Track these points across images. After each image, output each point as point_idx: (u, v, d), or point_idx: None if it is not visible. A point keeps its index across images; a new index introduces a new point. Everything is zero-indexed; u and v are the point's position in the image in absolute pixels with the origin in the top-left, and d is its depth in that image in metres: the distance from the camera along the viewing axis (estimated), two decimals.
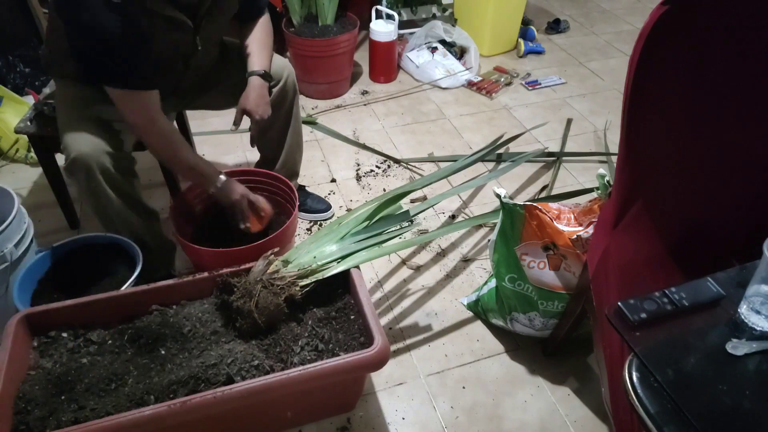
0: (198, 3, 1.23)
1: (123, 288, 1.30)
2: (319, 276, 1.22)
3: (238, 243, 1.35)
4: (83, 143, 1.21)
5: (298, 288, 1.19)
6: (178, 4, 1.18)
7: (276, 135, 1.62)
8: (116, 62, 1.14)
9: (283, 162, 1.65)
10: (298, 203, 1.48)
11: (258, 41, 1.45)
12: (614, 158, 2.09)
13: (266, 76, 1.43)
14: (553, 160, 2.10)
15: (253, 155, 1.44)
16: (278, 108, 1.54)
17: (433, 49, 2.64)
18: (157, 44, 1.19)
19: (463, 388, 1.36)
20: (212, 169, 1.36)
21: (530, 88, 2.56)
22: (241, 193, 1.39)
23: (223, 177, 1.36)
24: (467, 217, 1.84)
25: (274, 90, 1.51)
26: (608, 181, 1.17)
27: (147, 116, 1.23)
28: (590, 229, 1.14)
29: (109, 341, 1.19)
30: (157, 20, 1.16)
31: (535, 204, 1.20)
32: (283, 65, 1.55)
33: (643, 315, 0.83)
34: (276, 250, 1.25)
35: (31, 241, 1.40)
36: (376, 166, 2.07)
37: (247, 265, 1.28)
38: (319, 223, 1.81)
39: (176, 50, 1.28)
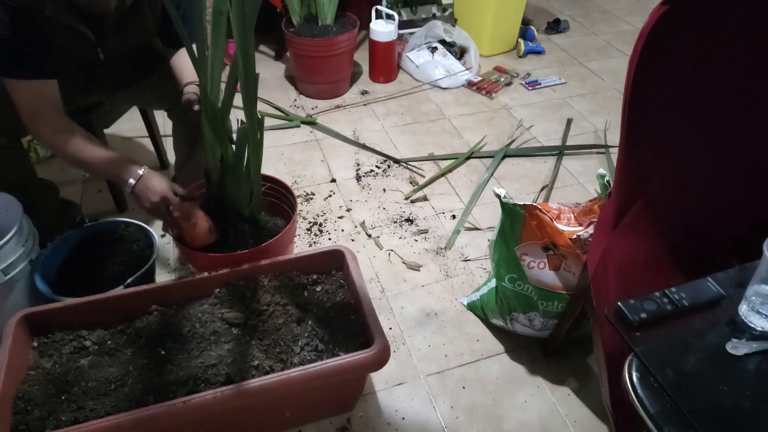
0: (102, 18, 1.25)
1: (131, 279, 1.33)
2: None
3: (235, 245, 1.35)
4: None
5: None
6: (80, 14, 1.20)
7: (185, 144, 1.61)
8: (7, 56, 1.17)
9: (188, 172, 1.59)
10: (297, 208, 1.48)
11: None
12: (611, 150, 2.10)
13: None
14: (553, 160, 2.10)
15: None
16: (181, 117, 1.54)
17: (433, 49, 2.64)
18: (54, 46, 1.22)
19: (463, 388, 1.36)
20: (121, 171, 1.21)
21: (530, 88, 2.56)
22: (152, 201, 1.21)
23: (132, 181, 1.20)
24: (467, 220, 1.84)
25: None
26: (608, 181, 1.17)
27: (32, 108, 1.22)
28: (590, 229, 1.14)
29: (109, 341, 1.19)
30: (56, 26, 1.20)
31: (534, 204, 1.20)
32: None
33: (643, 315, 0.83)
34: None
35: (37, 245, 1.41)
36: (376, 166, 2.07)
37: (246, 266, 1.28)
38: (319, 223, 1.81)
39: (74, 56, 1.31)
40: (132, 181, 1.21)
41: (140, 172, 1.22)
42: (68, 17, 1.21)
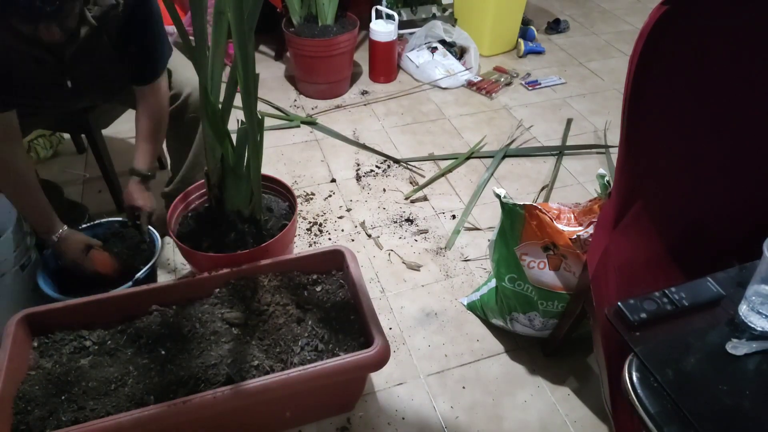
0: (62, 45, 1.21)
1: (139, 274, 1.36)
2: None
3: (235, 245, 1.35)
4: None
5: None
6: (41, 43, 1.16)
7: (179, 147, 1.61)
8: None
9: (182, 177, 1.63)
10: (297, 208, 1.48)
11: (144, 135, 1.45)
12: (611, 150, 2.10)
13: (146, 177, 1.46)
14: (553, 160, 2.11)
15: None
16: (177, 120, 1.53)
17: (433, 49, 2.64)
18: (17, 73, 1.22)
19: (463, 388, 1.36)
20: (45, 225, 1.34)
21: (530, 88, 2.56)
22: (71, 258, 1.36)
23: (55, 238, 1.34)
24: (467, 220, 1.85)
25: (173, 105, 1.50)
26: (608, 181, 1.17)
27: None
28: (590, 229, 1.14)
29: (109, 341, 1.19)
30: (11, 53, 1.18)
31: (534, 204, 1.20)
32: (185, 82, 1.51)
33: (643, 315, 0.83)
34: None
35: (33, 249, 1.40)
36: (376, 166, 2.07)
37: (246, 266, 1.28)
38: (319, 223, 1.81)
39: (39, 81, 1.29)
40: (55, 237, 1.35)
41: (60, 231, 1.36)
42: (23, 44, 1.16)
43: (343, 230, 1.79)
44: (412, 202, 1.91)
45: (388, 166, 2.07)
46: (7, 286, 1.30)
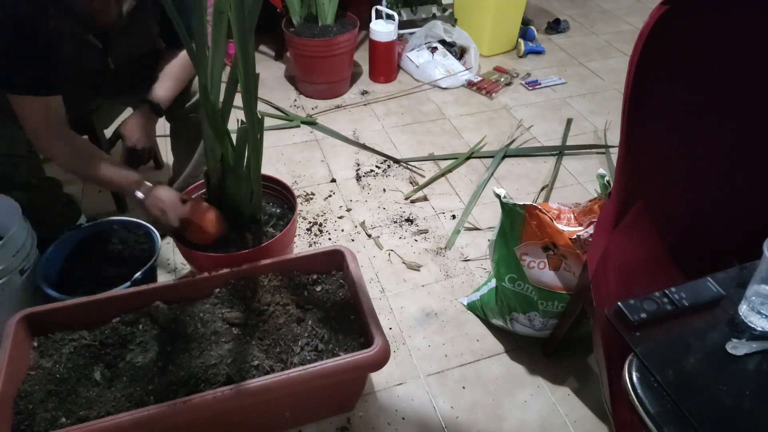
0: (108, 28, 1.23)
1: (138, 274, 1.35)
2: None
3: (235, 244, 1.35)
4: None
5: None
6: (86, 26, 1.17)
7: (185, 146, 1.63)
8: (8, 66, 1.16)
9: (188, 173, 1.64)
10: (297, 208, 1.48)
11: (169, 71, 1.44)
12: (612, 151, 2.10)
13: (156, 107, 1.42)
14: (553, 160, 2.11)
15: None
16: (185, 120, 1.55)
17: (433, 49, 2.64)
18: (62, 58, 1.21)
19: (463, 388, 1.36)
20: (129, 184, 1.28)
21: (530, 88, 2.56)
22: (161, 208, 1.27)
23: (140, 194, 1.27)
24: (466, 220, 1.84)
25: (191, 102, 1.52)
26: (608, 181, 1.17)
27: (42, 124, 1.21)
28: (590, 229, 1.14)
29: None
30: (62, 38, 1.18)
31: (534, 204, 1.20)
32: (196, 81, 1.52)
33: (643, 315, 0.83)
34: None
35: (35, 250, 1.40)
36: (376, 166, 2.07)
37: (246, 266, 1.28)
38: (319, 223, 1.81)
39: (84, 67, 1.30)
40: (140, 194, 1.28)
41: (148, 185, 1.29)
42: (74, 29, 1.20)
43: (343, 230, 1.79)
44: (412, 202, 1.91)
45: (388, 166, 2.07)
46: (6, 291, 1.29)
